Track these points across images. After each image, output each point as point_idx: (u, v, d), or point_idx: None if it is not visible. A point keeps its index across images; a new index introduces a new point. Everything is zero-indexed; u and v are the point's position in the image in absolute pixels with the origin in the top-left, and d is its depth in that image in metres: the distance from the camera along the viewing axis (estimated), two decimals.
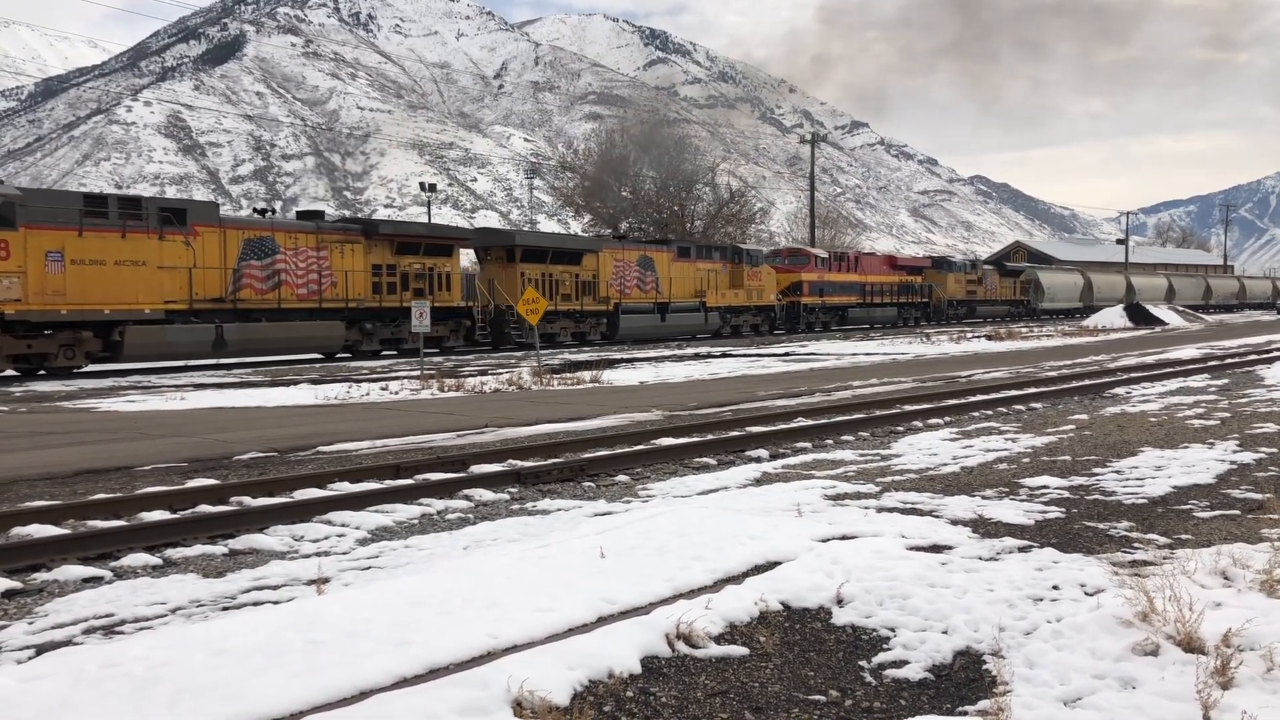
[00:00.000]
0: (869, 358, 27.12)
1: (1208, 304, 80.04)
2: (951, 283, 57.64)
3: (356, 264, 28.18)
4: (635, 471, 9.57)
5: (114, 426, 13.30)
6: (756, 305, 43.43)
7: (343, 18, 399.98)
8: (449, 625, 4.54)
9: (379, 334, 29.05)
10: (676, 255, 39.74)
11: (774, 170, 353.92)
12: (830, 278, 47.91)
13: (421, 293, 29.23)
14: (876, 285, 51.40)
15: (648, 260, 38.25)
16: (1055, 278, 70.76)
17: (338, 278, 27.65)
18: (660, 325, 38.20)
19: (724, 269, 41.85)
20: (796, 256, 47.85)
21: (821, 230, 72.56)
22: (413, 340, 29.21)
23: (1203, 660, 4.15)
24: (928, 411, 13.66)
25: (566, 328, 34.73)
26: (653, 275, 38.23)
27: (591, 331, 35.81)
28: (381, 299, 28.85)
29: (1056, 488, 8.10)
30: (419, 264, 29.77)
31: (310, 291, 27.10)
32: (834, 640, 4.77)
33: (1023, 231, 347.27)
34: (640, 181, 61.17)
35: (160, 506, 7.73)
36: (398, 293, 29.12)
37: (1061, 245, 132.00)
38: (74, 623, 5.20)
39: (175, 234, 23.96)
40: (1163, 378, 19.23)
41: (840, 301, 48.53)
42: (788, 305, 45.43)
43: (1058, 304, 68.33)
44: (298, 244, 26.84)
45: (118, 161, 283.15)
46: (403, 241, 29.74)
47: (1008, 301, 64.37)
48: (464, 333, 31.33)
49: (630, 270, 37.21)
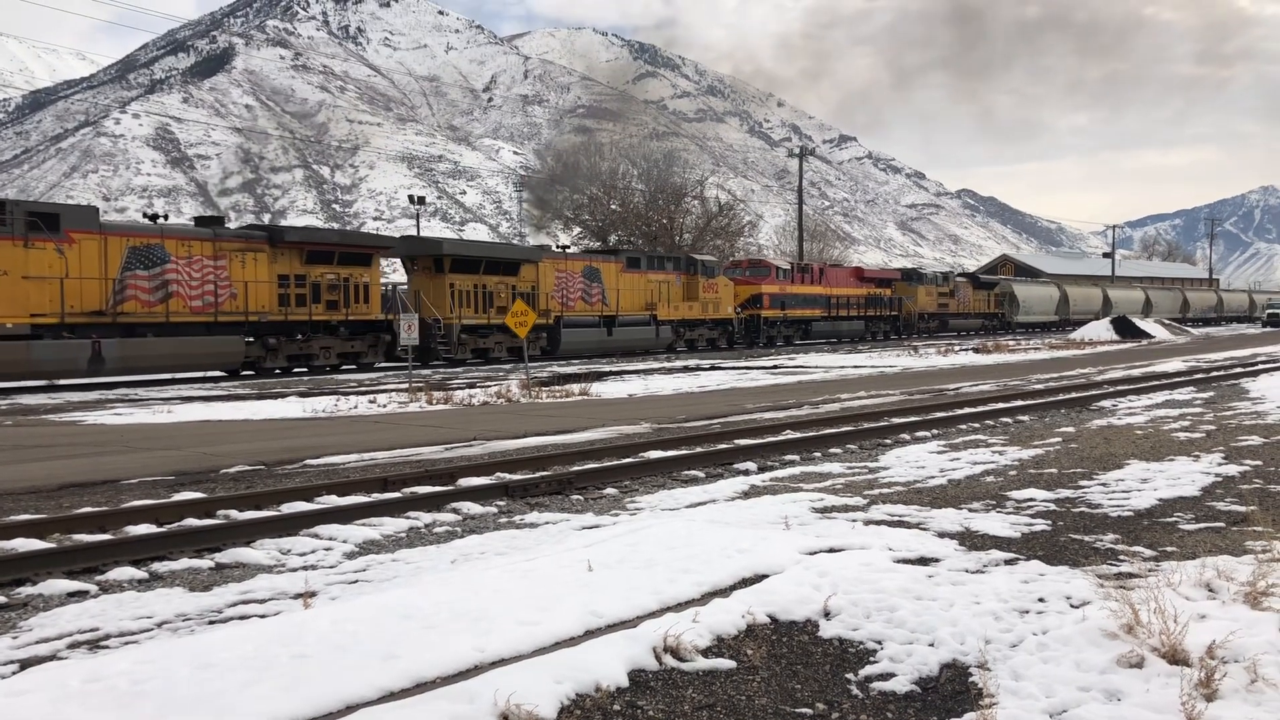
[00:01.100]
0: (857, 371, 27.19)
1: (1185, 317, 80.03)
2: (922, 295, 56.40)
3: (260, 274, 26.26)
4: (623, 484, 9.57)
5: (100, 440, 13.24)
6: (713, 319, 41.77)
7: (332, 31, 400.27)
8: (436, 639, 4.54)
9: (285, 350, 27.16)
10: (625, 266, 38.08)
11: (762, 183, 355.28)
12: (793, 290, 46.23)
13: (335, 305, 27.97)
14: (842, 298, 49.89)
15: (593, 271, 36.66)
16: (1030, 291, 69.92)
17: (237, 289, 25.75)
18: (606, 340, 36.45)
19: (678, 280, 40.16)
20: (757, 268, 46.19)
21: (810, 243, 72.83)
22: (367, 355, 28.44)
23: (1187, 672, 4.17)
24: (915, 424, 13.69)
25: (502, 342, 33.16)
26: (599, 287, 36.58)
27: (531, 345, 33.84)
28: (288, 312, 26.90)
29: (1043, 500, 8.13)
30: (333, 274, 27.92)
31: (206, 304, 25.19)
32: (821, 653, 4.78)
33: (1010, 245, 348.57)
34: (629, 195, 61.32)
35: (146, 520, 7.70)
36: (307, 305, 27.31)
37: (1048, 258, 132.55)
38: (59, 637, 5.17)
39: (45, 241, 22.09)
40: (1149, 391, 19.32)
41: (803, 315, 46.90)
42: (747, 319, 43.86)
43: (1033, 317, 67.54)
44: (191, 252, 24.91)
45: (105, 174, 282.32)
46: (314, 249, 27.85)
47: (981, 315, 63.15)
48: (384, 348, 29.53)
49: (574, 281, 35.65)
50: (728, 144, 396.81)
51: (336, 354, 28.35)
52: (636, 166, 64.66)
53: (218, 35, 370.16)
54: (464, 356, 31.63)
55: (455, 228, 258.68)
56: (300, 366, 27.85)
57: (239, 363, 26.32)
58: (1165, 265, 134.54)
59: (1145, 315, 65.83)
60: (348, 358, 28.83)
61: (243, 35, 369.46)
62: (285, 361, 27.31)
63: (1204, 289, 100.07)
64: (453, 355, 31.19)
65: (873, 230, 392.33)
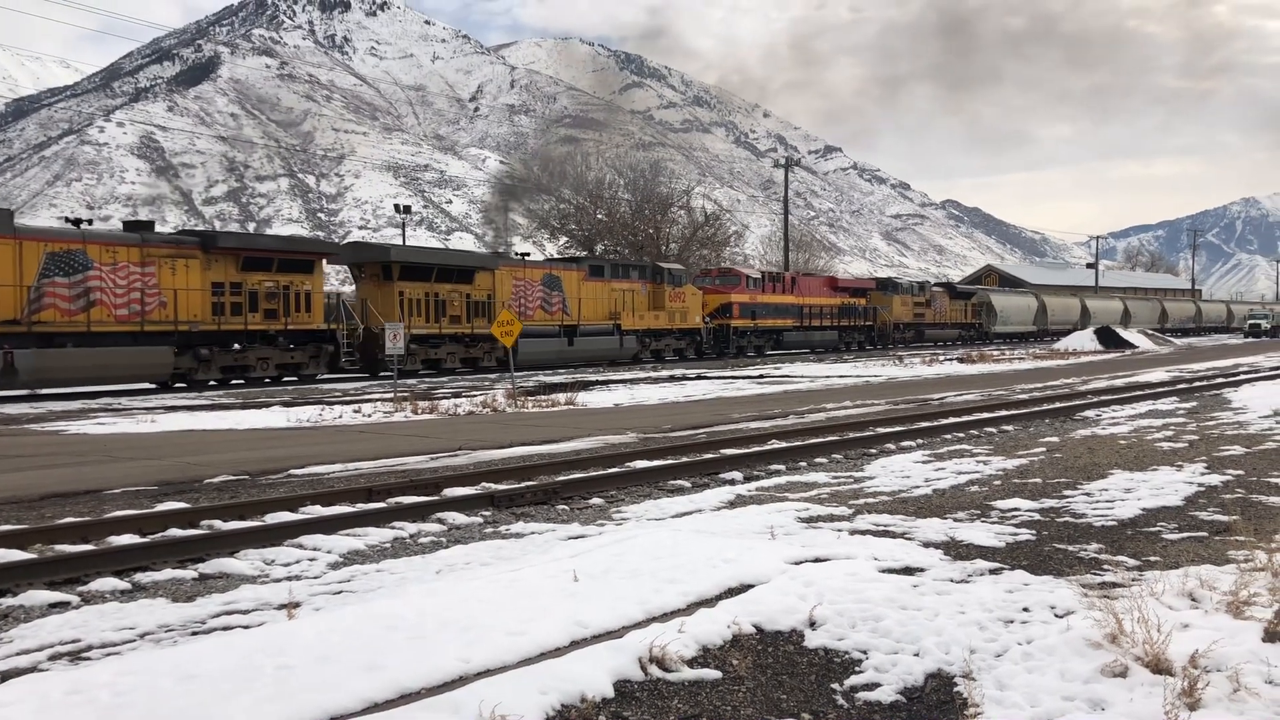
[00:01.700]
0: (842, 380, 27.25)
1: (1164, 327, 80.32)
2: (898, 305, 55.69)
3: (192, 281, 25.21)
4: (609, 494, 9.56)
5: (83, 449, 13.16)
6: (680, 328, 40.89)
7: (318, 40, 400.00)
8: (421, 649, 4.52)
9: (219, 361, 25.94)
10: (588, 274, 37.02)
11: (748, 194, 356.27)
12: (764, 299, 45.48)
13: (274, 314, 26.88)
14: (815, 308, 49.13)
15: (554, 279, 35.51)
16: (1008, 300, 69.43)
17: (167, 297, 24.66)
18: (566, 350, 35.26)
19: (643, 289, 39.22)
20: (727, 277, 45.54)
21: (795, 253, 73.02)
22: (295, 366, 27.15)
23: (1170, 681, 4.19)
24: (900, 434, 13.72)
25: (454, 353, 31.94)
26: (559, 296, 35.45)
27: (485, 357, 32.97)
28: (222, 321, 25.81)
29: (1027, 510, 8.16)
30: (271, 281, 26.83)
31: (131, 313, 24.08)
32: (806, 663, 4.78)
33: (994, 255, 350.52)
34: (615, 205, 61.40)
35: (129, 530, 7.65)
36: (244, 314, 26.22)
37: (1033, 269, 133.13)
38: (40, 648, 5.13)
39: None
40: (1132, 401, 19.42)
41: (775, 325, 46.17)
42: (716, 328, 43.10)
43: (1011, 327, 66.95)
44: (116, 258, 23.82)
45: (89, 182, 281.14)
46: (250, 256, 26.78)
47: (958, 325, 62.50)
48: (326, 359, 28.34)
49: (532, 290, 34.52)
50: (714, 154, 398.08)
51: (275, 365, 27.27)
52: (623, 176, 64.75)
53: (203, 44, 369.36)
54: (414, 368, 30.47)
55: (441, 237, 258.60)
56: (237, 379, 26.74)
57: (168, 374, 25.11)
58: (1148, 276, 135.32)
59: (1124, 325, 65.92)
60: (288, 369, 27.67)
61: (228, 44, 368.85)
62: (219, 374, 26.16)
63: (1183, 300, 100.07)
64: (401, 366, 29.90)
65: (858, 240, 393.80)
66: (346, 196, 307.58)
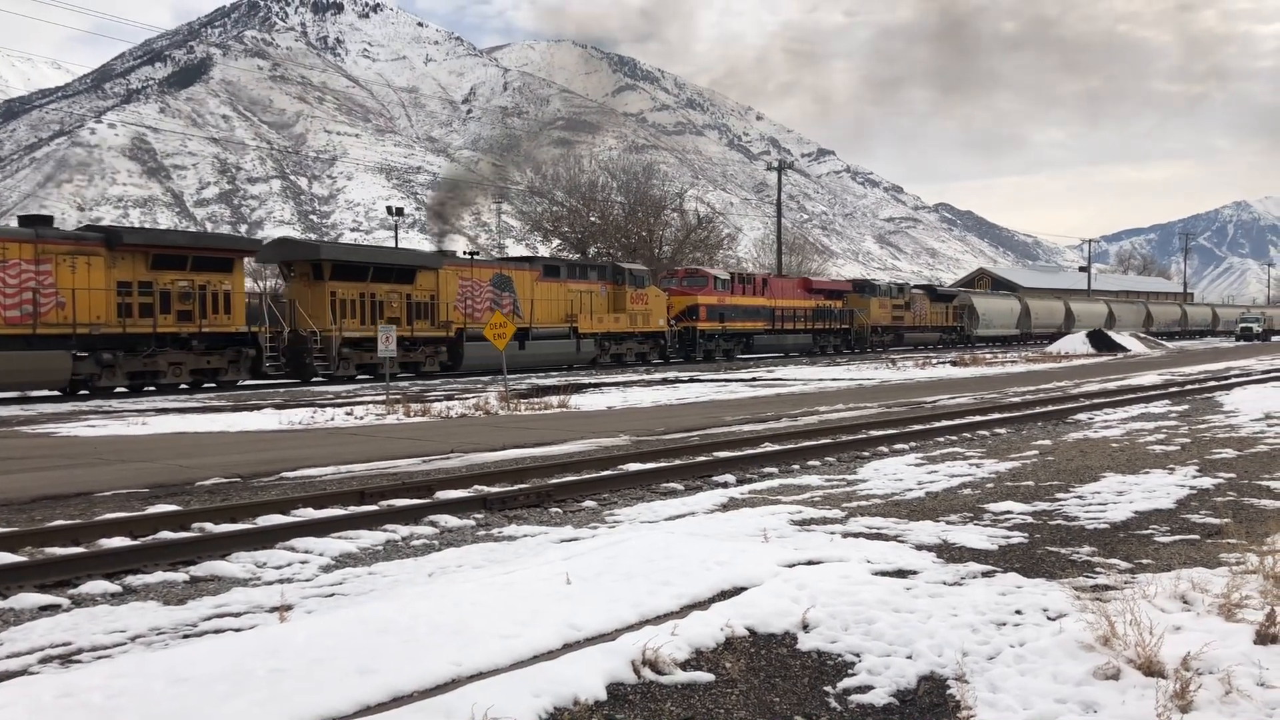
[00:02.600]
0: (835, 383, 27.27)
1: (1149, 330, 79.94)
2: (875, 308, 54.31)
3: (95, 281, 23.37)
4: (603, 497, 9.55)
5: (74, 451, 13.12)
6: (643, 331, 39.14)
7: (310, 41, 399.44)
8: (414, 652, 4.51)
9: (125, 366, 24.07)
10: (542, 274, 35.12)
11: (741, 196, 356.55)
12: (732, 301, 43.78)
13: (188, 315, 25.00)
14: (788, 310, 47.51)
15: (504, 280, 33.65)
16: (991, 303, 68.51)
17: (65, 297, 22.85)
18: (517, 354, 32.62)
19: (602, 290, 37.39)
20: (693, 278, 43.81)
21: (789, 256, 73.11)
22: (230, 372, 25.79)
23: (1162, 684, 4.20)
24: (893, 437, 13.74)
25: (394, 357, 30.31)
26: (510, 297, 33.52)
27: (428, 361, 31.21)
28: (129, 323, 23.89)
29: (1020, 513, 8.17)
30: (185, 281, 24.95)
31: (24, 314, 22.23)
32: (799, 666, 4.78)
33: (987, 259, 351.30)
34: (609, 207, 61.42)
35: (120, 533, 7.63)
36: (154, 316, 24.36)
37: (1025, 272, 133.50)
38: (30, 651, 5.11)
39: None
40: (1125, 404, 19.47)
41: (744, 328, 44.55)
42: (681, 331, 41.53)
43: (993, 330, 65.97)
44: (7, 256, 22.15)
45: (81, 183, 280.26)
46: (161, 253, 24.82)
47: (939, 328, 61.30)
48: (248, 365, 26.51)
49: (480, 291, 32.73)
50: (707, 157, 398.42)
51: (190, 371, 25.52)
52: (616, 179, 64.79)
53: (195, 45, 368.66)
54: (347, 373, 28.85)
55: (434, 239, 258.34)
56: (148, 385, 24.99)
57: (66, 380, 23.28)
58: (1140, 279, 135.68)
59: (1108, 328, 65.68)
60: (205, 375, 25.97)
61: (220, 45, 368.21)
62: (125, 380, 24.32)
63: (1168, 303, 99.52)
64: (332, 371, 28.16)
65: (851, 243, 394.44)
66: (339, 198, 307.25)
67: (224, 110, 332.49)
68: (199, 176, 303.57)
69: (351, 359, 28.88)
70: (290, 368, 27.68)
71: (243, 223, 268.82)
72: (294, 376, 27.97)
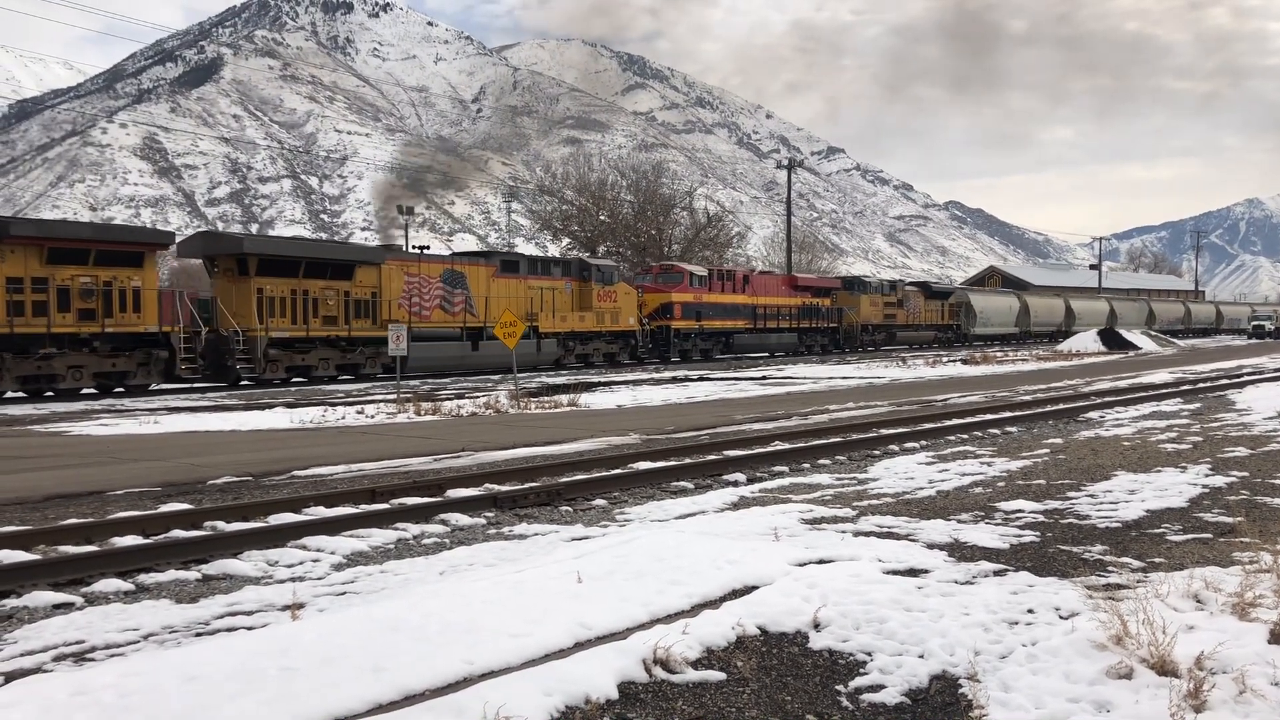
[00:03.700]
0: (845, 382, 27.24)
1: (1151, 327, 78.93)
2: (866, 305, 52.55)
3: None
4: (613, 496, 9.56)
5: (86, 450, 13.17)
6: (611, 330, 37.36)
7: (320, 41, 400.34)
8: (425, 651, 4.52)
9: (16, 370, 22.24)
10: (500, 270, 33.26)
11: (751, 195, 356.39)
12: (710, 299, 41.98)
13: (90, 314, 23.17)
14: (771, 308, 45.68)
15: (456, 276, 31.76)
16: (988, 301, 66.82)
17: None
18: (469, 355, 31.45)
19: (567, 287, 35.64)
20: (668, 274, 42.06)
21: (799, 255, 73.01)
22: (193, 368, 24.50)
23: (1176, 683, 4.18)
24: (904, 435, 13.71)
25: (329, 358, 28.33)
26: (463, 294, 31.76)
27: (367, 363, 29.38)
28: (19, 323, 22.06)
29: (1031, 511, 8.14)
30: (88, 277, 23.10)
31: None
32: (811, 664, 4.78)
33: (997, 257, 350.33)
34: (618, 206, 61.43)
35: (133, 531, 7.65)
36: (49, 315, 22.43)
37: (1036, 270, 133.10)
38: (44, 649, 5.13)
39: None
40: (1136, 402, 19.39)
41: (723, 326, 42.74)
42: (655, 330, 39.79)
43: (991, 329, 64.33)
44: None
45: (92, 183, 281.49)
46: (57, 246, 22.91)
47: (934, 326, 59.48)
48: (160, 367, 24.59)
49: (430, 288, 30.89)
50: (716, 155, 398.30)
51: (93, 375, 23.69)
52: (626, 177, 64.78)
53: (206, 45, 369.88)
54: (276, 376, 27.09)
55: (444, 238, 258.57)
56: (46, 390, 22.98)
57: None
58: (1152, 277, 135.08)
59: (1109, 326, 64.85)
60: (111, 378, 24.15)
61: (231, 45, 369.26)
62: (15, 385, 22.42)
63: (1171, 301, 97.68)
64: (258, 374, 26.43)
65: (861, 242, 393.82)
66: (349, 198, 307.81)
67: (235, 110, 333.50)
68: (210, 176, 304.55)
69: (281, 361, 27.19)
70: (212, 370, 26.11)
71: (254, 222, 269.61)
72: (217, 380, 26.39)
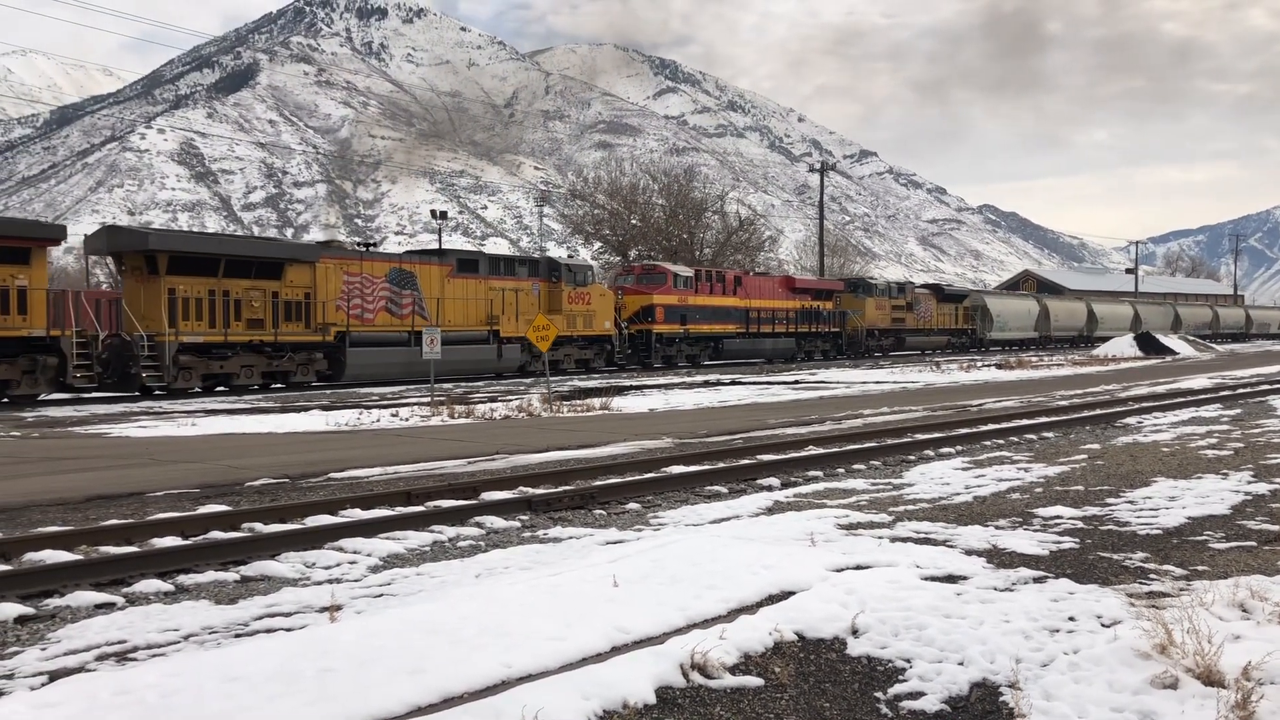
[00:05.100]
0: (879, 386, 27.09)
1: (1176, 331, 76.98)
2: (871, 309, 49.86)
3: None
4: (646, 499, 9.55)
5: (126, 452, 13.32)
6: (584, 335, 34.76)
7: (355, 47, 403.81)
8: (462, 654, 4.53)
9: None
10: (456, 270, 30.82)
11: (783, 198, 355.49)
12: (697, 301, 39.47)
13: None
14: (766, 311, 43.19)
15: (405, 276, 29.21)
16: (1006, 304, 64.35)
17: None
18: (418, 361, 26.99)
19: (534, 289, 33.26)
20: (650, 275, 39.58)
21: (831, 258, 72.74)
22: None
23: (1223, 694, 4.12)
24: (939, 440, 13.61)
25: (253, 365, 25.70)
26: (413, 295, 29.33)
27: (300, 370, 26.78)
28: None
29: (1070, 518, 8.05)
30: None
31: None
32: (849, 671, 4.74)
33: (1031, 260, 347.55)
34: (650, 210, 61.44)
35: (172, 533, 7.73)
36: None
37: (1071, 274, 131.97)
38: (87, 649, 5.19)
39: None
40: (1174, 407, 19.15)
41: (712, 330, 40.23)
42: (635, 335, 37.34)
43: (1009, 334, 61.98)
44: None
45: (131, 188, 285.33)
46: None
47: (947, 331, 56.75)
48: (49, 375, 22.05)
49: (374, 288, 28.39)
50: (748, 159, 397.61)
51: None
52: (657, 181, 64.77)
53: (242, 51, 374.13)
54: (189, 386, 24.48)
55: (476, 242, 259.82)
56: None
57: None
58: (1189, 281, 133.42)
59: (1133, 331, 63.33)
60: None
61: (267, 51, 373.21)
62: None
63: (1198, 305, 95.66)
64: (168, 383, 23.72)
65: (893, 245, 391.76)
66: (383, 202, 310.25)
67: (270, 115, 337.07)
68: (246, 180, 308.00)
69: (196, 369, 24.57)
70: (117, 378, 23.80)
71: (289, 226, 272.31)
72: (122, 389, 23.91)
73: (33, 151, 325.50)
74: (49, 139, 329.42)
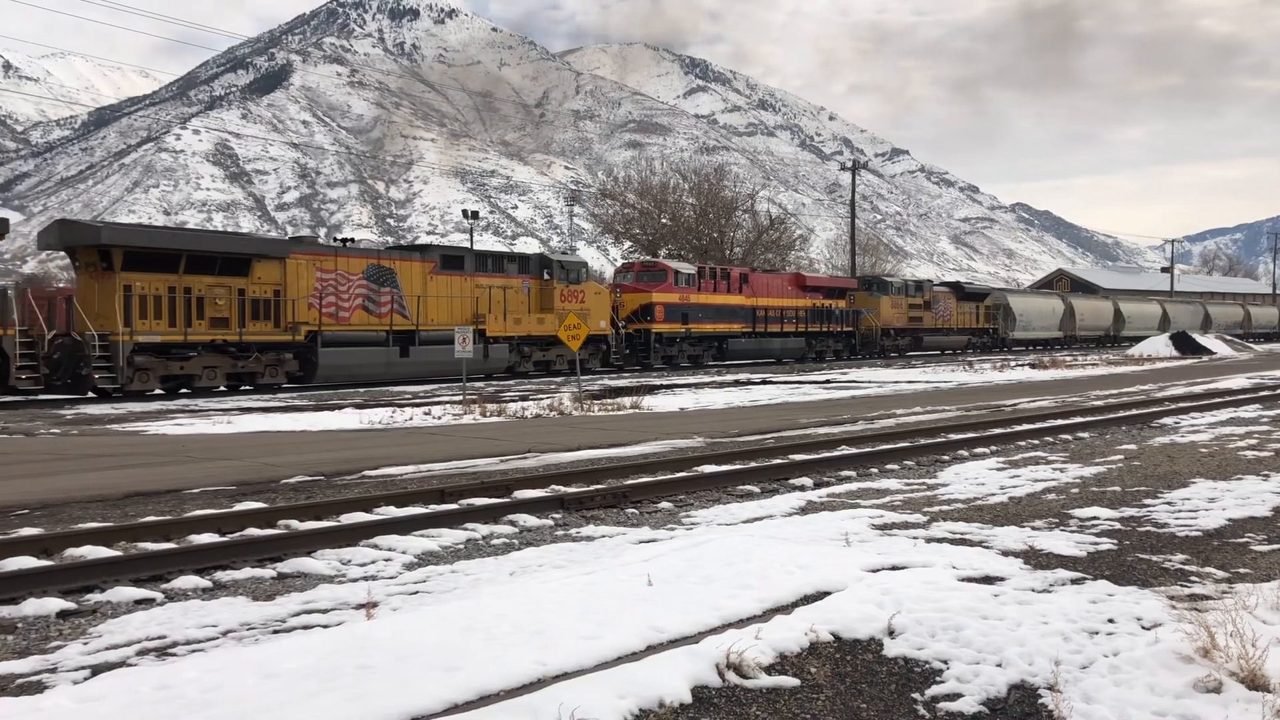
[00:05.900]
0: (911, 386, 26.94)
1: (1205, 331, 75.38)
2: (887, 307, 48.40)
3: None
4: (678, 499, 9.54)
5: (162, 450, 13.47)
6: None
7: (387, 48, 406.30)
8: (498, 651, 4.54)
9: None
10: (440, 266, 29.65)
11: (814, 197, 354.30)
12: (699, 299, 38.16)
13: None
14: (774, 310, 41.90)
15: (383, 272, 28.11)
16: (1029, 303, 62.92)
17: None
18: (397, 362, 27.63)
19: (523, 286, 32.03)
20: (650, 272, 38.34)
21: (862, 257, 72.39)
22: None
23: (1269, 698, 4.06)
24: (973, 440, 13.51)
25: (217, 366, 24.53)
26: (392, 292, 28.22)
27: (267, 371, 25.69)
28: None
29: (1107, 519, 7.97)
30: None
31: None
32: (886, 672, 4.71)
33: (1065, 259, 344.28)
34: (680, 209, 61.38)
35: (209, 529, 7.80)
36: None
37: (1105, 273, 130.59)
38: (128, 644, 5.25)
39: None
40: (1212, 408, 18.90)
41: (715, 330, 38.96)
42: (633, 334, 36.22)
43: (1032, 333, 60.67)
44: None
45: (166, 189, 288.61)
46: None
47: (967, 330, 55.21)
48: None
49: (350, 285, 27.32)
50: (779, 158, 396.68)
51: None
52: (687, 180, 64.70)
53: (276, 52, 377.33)
54: (146, 387, 23.44)
55: (507, 241, 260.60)
56: None
57: None
58: (1226, 280, 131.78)
59: (1161, 330, 62.04)
60: None
61: (300, 52, 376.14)
62: None
63: (1229, 303, 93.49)
64: (121, 385, 22.67)
65: (925, 244, 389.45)
66: (415, 202, 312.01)
67: (304, 116, 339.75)
68: (280, 181, 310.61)
69: (153, 370, 23.46)
70: (69, 380, 22.83)
71: (321, 225, 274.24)
72: (74, 391, 22.93)
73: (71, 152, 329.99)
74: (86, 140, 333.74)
